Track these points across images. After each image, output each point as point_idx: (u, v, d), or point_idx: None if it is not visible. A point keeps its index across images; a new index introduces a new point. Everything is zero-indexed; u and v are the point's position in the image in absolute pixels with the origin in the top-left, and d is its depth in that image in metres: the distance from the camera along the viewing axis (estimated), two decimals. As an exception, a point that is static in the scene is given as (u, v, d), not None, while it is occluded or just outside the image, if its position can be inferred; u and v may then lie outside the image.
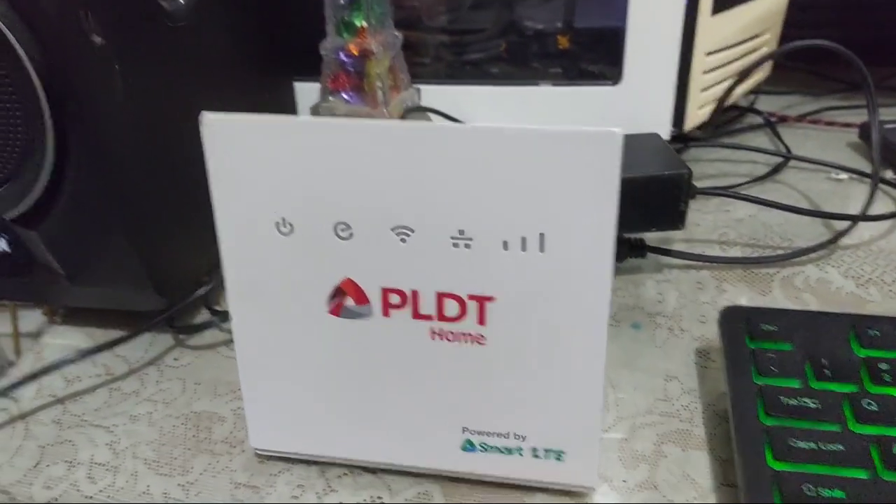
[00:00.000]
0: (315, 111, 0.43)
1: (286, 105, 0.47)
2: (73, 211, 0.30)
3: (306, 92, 0.47)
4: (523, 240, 0.22)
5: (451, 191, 0.22)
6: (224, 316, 0.35)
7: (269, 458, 0.28)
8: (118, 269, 0.32)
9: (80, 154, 0.29)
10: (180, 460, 0.28)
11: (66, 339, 0.36)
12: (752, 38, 0.49)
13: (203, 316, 0.36)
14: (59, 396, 0.32)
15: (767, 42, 0.52)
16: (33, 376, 0.32)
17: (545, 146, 0.21)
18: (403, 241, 0.23)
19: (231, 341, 0.34)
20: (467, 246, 0.22)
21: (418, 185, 0.22)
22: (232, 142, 0.22)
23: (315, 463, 0.27)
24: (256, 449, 0.28)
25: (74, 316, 0.37)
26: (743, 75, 0.43)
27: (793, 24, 0.53)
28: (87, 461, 0.29)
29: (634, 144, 0.36)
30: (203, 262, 0.37)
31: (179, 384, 0.32)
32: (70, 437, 0.30)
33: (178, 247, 0.35)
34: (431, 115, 0.46)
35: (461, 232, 0.22)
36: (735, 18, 0.46)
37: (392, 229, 0.23)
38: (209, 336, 0.35)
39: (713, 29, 0.44)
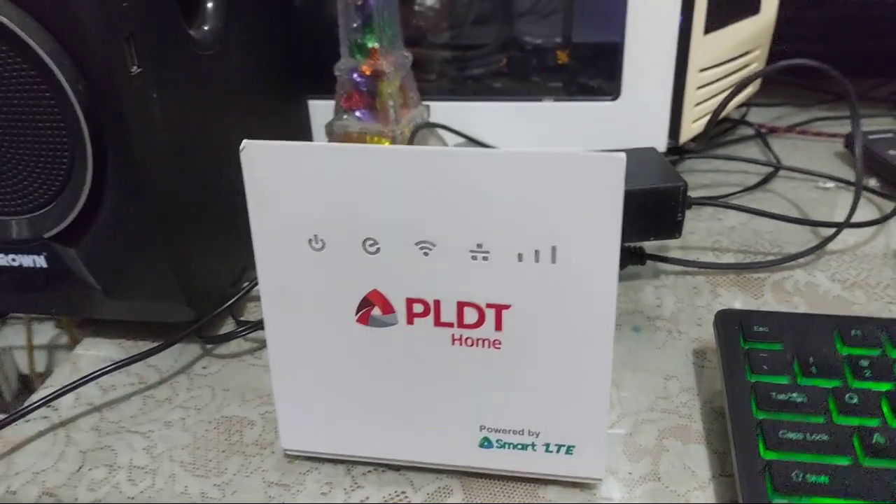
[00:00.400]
0: (329, 129, 0.45)
1: (300, 123, 0.48)
2: (109, 229, 0.32)
3: (320, 110, 0.48)
4: (536, 252, 0.24)
5: (469, 208, 0.24)
6: (248, 326, 0.37)
7: (298, 457, 0.30)
8: (152, 284, 0.33)
9: (118, 176, 0.30)
10: (215, 462, 0.30)
11: (99, 350, 0.37)
12: (743, 55, 0.51)
13: (228, 326, 0.38)
14: (97, 405, 0.34)
15: (758, 58, 0.54)
16: (71, 387, 0.33)
17: (556, 168, 0.23)
18: (426, 254, 0.25)
19: (256, 350, 0.37)
20: (485, 258, 0.24)
21: (440, 204, 0.24)
22: (268, 166, 0.24)
23: (342, 462, 0.29)
24: (287, 449, 0.29)
25: (105, 328, 0.39)
26: (735, 90, 0.45)
27: (783, 39, 0.55)
28: (126, 465, 0.30)
29: (633, 158, 0.37)
30: (229, 275, 0.39)
31: (209, 391, 0.34)
32: (109, 443, 0.31)
33: (207, 261, 0.36)
34: (440, 130, 0.48)
35: (479, 245, 0.24)
36: (726, 37, 0.48)
37: (416, 244, 0.24)
38: (235, 346, 0.37)
39: (706, 47, 0.46)
